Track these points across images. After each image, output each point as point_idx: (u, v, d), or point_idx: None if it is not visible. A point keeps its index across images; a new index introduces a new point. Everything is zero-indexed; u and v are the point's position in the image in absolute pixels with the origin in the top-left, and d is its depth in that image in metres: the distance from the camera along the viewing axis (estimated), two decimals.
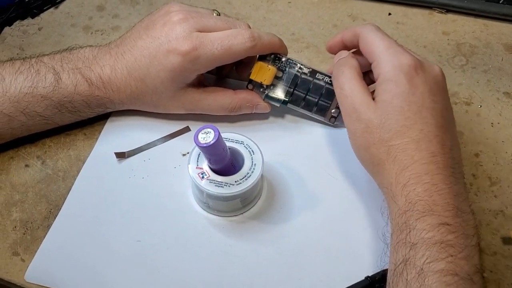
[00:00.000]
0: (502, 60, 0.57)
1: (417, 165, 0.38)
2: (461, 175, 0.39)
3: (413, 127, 0.39)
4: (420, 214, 0.36)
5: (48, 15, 0.60)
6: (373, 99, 0.41)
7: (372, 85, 0.43)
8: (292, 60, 0.48)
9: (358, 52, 0.46)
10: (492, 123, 0.51)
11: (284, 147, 0.48)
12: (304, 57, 0.56)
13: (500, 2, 0.60)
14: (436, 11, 0.61)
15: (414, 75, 0.40)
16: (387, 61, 0.41)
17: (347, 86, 0.42)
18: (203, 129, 0.38)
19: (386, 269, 0.39)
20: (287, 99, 0.48)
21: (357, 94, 0.42)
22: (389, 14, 0.61)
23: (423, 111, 0.39)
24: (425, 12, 0.61)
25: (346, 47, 0.46)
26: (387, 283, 0.37)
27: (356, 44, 0.45)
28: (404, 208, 0.37)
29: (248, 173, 0.42)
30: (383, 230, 0.42)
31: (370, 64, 0.43)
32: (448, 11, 0.61)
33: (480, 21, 0.61)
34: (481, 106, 0.53)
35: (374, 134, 0.40)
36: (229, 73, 0.53)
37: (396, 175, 0.38)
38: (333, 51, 0.47)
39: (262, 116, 0.50)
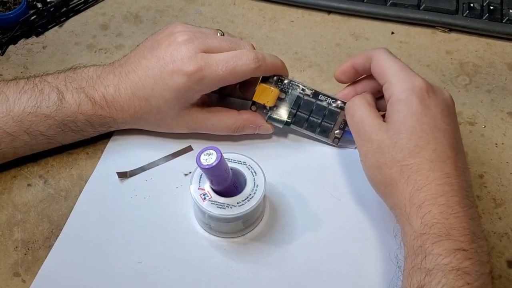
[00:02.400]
0: (505, 79, 0.57)
1: (433, 186, 0.37)
2: (473, 199, 0.39)
3: (426, 147, 0.39)
4: (437, 238, 0.35)
5: (53, 34, 0.60)
6: (384, 121, 0.42)
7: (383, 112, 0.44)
8: (295, 82, 0.48)
9: (368, 78, 0.46)
10: (496, 144, 0.51)
11: (286, 167, 0.48)
12: (307, 76, 0.56)
13: (504, 21, 0.60)
14: (439, 30, 0.61)
15: (426, 97, 0.40)
16: (399, 82, 0.41)
17: (358, 113, 0.43)
18: (205, 150, 0.38)
19: None
20: (290, 120, 0.48)
21: (367, 117, 0.42)
22: (392, 33, 0.61)
23: (436, 132, 0.39)
24: (428, 31, 0.61)
25: (357, 73, 0.47)
26: None
27: (367, 68, 0.45)
28: (420, 230, 0.36)
29: (250, 194, 0.41)
30: (395, 252, 0.41)
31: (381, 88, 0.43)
32: (451, 30, 0.61)
33: (484, 40, 0.61)
34: (485, 126, 0.53)
35: (386, 154, 0.40)
36: (232, 92, 0.53)
37: (410, 195, 0.38)
38: (342, 78, 0.47)
39: (265, 136, 0.50)
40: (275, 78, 0.48)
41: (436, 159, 0.38)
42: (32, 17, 0.60)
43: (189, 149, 0.49)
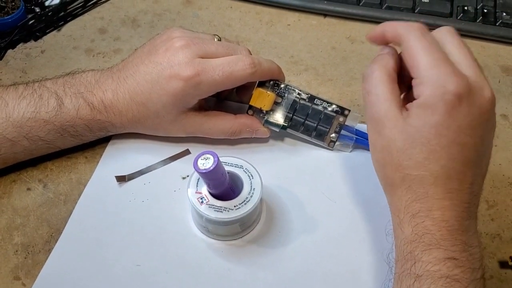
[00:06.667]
0: (499, 82, 0.58)
1: (430, 200, 0.36)
2: (475, 207, 0.38)
3: (436, 161, 0.36)
4: (426, 246, 0.35)
5: (51, 38, 0.61)
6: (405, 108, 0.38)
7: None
8: (291, 86, 0.48)
9: None
10: None
11: (283, 170, 0.49)
12: (303, 80, 0.57)
13: (497, 24, 0.61)
14: None
15: (456, 106, 0.36)
16: (430, 82, 0.36)
17: (374, 91, 0.39)
18: (202, 154, 0.38)
19: None
20: (286, 124, 0.49)
21: (384, 102, 0.38)
22: None
23: (452, 147, 0.36)
24: None
25: (388, 43, 0.41)
26: None
27: (399, 44, 0.40)
28: (410, 238, 0.36)
29: (247, 197, 0.42)
30: (387, 253, 0.41)
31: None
32: None
33: (477, 43, 0.61)
34: None
35: (393, 156, 0.38)
36: (229, 96, 0.53)
37: (407, 203, 0.37)
38: (374, 42, 0.42)
39: (262, 139, 0.51)
40: (271, 82, 0.48)
41: (441, 175, 0.36)
42: (30, 22, 0.60)
43: (186, 152, 0.50)
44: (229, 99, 0.53)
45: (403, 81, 0.40)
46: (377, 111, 0.38)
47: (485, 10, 0.61)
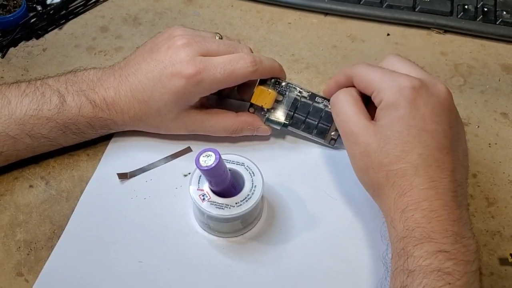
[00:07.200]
0: (499, 80, 0.58)
1: (416, 191, 0.37)
2: (463, 197, 0.39)
3: (412, 151, 0.39)
4: (418, 241, 0.36)
5: (53, 36, 0.61)
6: (373, 119, 0.42)
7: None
8: (292, 84, 0.49)
9: None
10: (489, 144, 0.52)
11: (284, 168, 0.49)
12: (304, 78, 0.57)
13: (497, 23, 0.61)
14: (434, 31, 0.62)
15: (415, 96, 0.39)
16: (386, 87, 0.41)
17: (343, 111, 0.43)
18: (204, 152, 0.38)
19: None
20: (287, 122, 0.49)
21: (353, 117, 0.42)
22: (388, 34, 0.62)
23: (423, 135, 0.39)
24: (423, 32, 0.62)
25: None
26: None
27: (351, 85, 0.45)
28: (402, 234, 0.37)
29: (248, 194, 0.42)
30: (383, 254, 0.42)
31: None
32: (446, 31, 0.62)
33: (478, 41, 0.61)
34: (478, 126, 0.53)
35: (372, 158, 0.40)
36: (230, 94, 0.54)
37: (395, 200, 0.38)
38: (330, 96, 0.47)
39: (263, 137, 0.51)
40: (272, 80, 0.48)
41: (421, 164, 0.38)
42: (32, 20, 0.61)
43: (188, 150, 0.50)
44: (230, 97, 0.54)
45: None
46: (348, 126, 0.42)
47: (485, 9, 0.61)
